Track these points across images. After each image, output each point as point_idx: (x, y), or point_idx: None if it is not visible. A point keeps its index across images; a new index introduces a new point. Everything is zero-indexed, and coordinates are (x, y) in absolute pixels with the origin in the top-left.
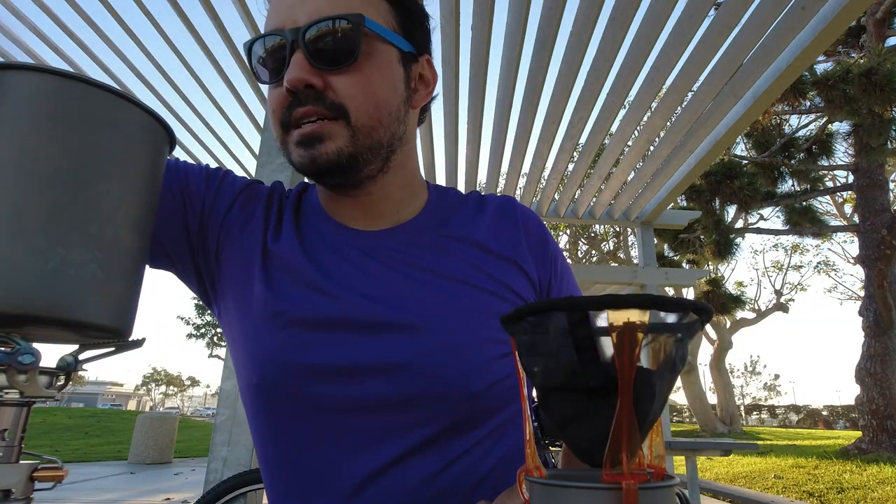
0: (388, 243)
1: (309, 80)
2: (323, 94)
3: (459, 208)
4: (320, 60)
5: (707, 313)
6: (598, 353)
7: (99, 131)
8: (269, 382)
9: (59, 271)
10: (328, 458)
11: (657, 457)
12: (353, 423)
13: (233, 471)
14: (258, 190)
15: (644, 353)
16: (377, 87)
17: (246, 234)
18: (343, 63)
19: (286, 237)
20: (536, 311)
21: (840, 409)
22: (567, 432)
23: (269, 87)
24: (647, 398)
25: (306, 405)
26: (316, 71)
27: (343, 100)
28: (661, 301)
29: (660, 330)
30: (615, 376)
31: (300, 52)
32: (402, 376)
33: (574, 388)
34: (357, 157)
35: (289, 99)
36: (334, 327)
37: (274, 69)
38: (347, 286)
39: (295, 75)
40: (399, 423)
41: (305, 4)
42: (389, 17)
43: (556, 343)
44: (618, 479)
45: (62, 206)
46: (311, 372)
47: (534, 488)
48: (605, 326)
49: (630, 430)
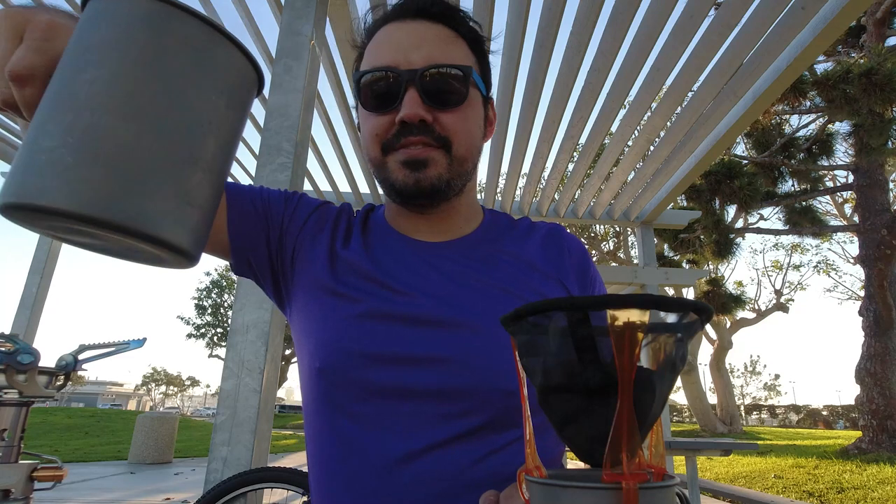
0: (446, 253)
1: (423, 116)
2: (431, 127)
3: (511, 230)
4: (432, 99)
5: (707, 313)
6: (598, 353)
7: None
8: (330, 367)
9: (184, 210)
10: (374, 436)
11: (657, 456)
12: (400, 407)
13: (233, 471)
14: (329, 209)
15: (644, 353)
16: (472, 125)
17: (317, 244)
18: (452, 105)
19: (354, 245)
20: (537, 310)
21: (840, 409)
22: (567, 432)
23: (370, 113)
24: (647, 398)
25: (362, 388)
26: (427, 108)
27: (448, 134)
28: (661, 301)
29: (660, 330)
30: (615, 376)
31: (414, 91)
32: (450, 368)
33: (574, 388)
34: (451, 183)
35: (397, 128)
36: (393, 320)
37: (382, 100)
38: (407, 286)
39: (414, 111)
40: (443, 412)
41: (420, 50)
42: (476, 66)
43: (557, 343)
44: (618, 479)
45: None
46: (369, 358)
47: (533, 488)
48: (605, 326)
49: (630, 430)
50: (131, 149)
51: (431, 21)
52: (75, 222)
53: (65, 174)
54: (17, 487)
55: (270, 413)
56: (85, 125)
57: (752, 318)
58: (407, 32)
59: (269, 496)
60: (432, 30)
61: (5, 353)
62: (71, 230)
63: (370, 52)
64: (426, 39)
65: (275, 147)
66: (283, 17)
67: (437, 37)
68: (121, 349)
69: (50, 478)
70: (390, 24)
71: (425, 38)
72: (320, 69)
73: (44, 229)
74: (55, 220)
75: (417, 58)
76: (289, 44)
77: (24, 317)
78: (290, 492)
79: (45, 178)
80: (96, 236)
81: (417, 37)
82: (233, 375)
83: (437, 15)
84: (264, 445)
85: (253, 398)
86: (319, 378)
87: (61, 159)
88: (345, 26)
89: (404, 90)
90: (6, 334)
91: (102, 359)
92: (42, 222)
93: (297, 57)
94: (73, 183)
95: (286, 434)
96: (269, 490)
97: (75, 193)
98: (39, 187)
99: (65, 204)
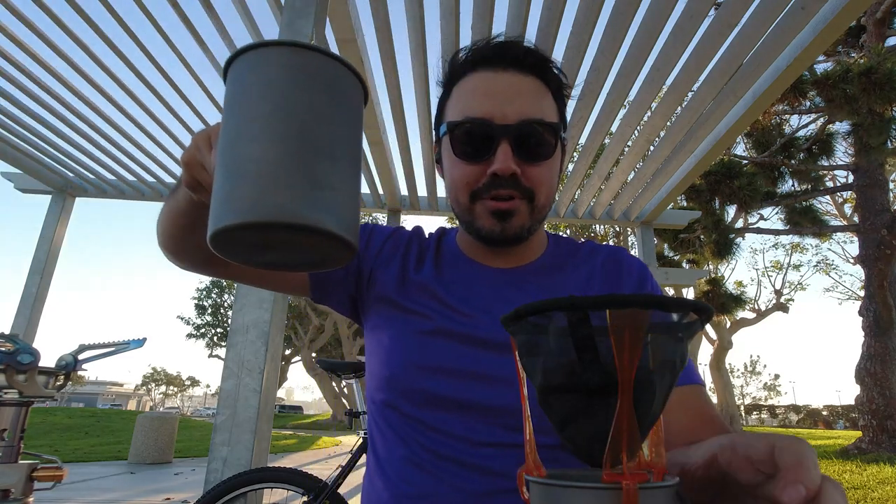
0: (510, 279)
1: (514, 170)
2: (518, 180)
3: (573, 256)
4: (522, 154)
5: (707, 313)
6: (598, 353)
7: (332, 91)
8: (396, 377)
9: (318, 196)
10: (430, 437)
11: (659, 456)
12: (456, 416)
13: (233, 471)
14: (400, 234)
15: (645, 353)
16: (554, 175)
17: (390, 268)
18: (541, 159)
19: (427, 269)
20: (537, 310)
21: (840, 409)
22: (567, 432)
23: (461, 161)
24: (647, 398)
25: (422, 398)
26: (517, 161)
27: (533, 186)
28: (661, 301)
29: (660, 330)
30: (615, 376)
31: (507, 145)
32: (501, 387)
33: (574, 387)
34: (531, 229)
35: (488, 179)
36: (456, 339)
37: (475, 150)
38: (471, 309)
39: (507, 165)
40: (497, 423)
41: (514, 104)
42: (557, 113)
43: (557, 343)
44: (618, 479)
45: (317, 149)
46: (431, 370)
47: (533, 488)
48: (606, 326)
49: (630, 431)
50: (281, 165)
51: (524, 73)
52: (259, 231)
53: (244, 200)
54: (16, 487)
55: (270, 413)
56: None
57: (752, 318)
58: (501, 84)
59: (269, 496)
60: (525, 82)
61: (5, 353)
62: (255, 247)
63: (463, 97)
64: (520, 93)
65: None
66: (283, 17)
67: (529, 90)
68: (121, 349)
69: (50, 478)
70: (484, 71)
71: (519, 91)
72: None
73: (240, 256)
74: (247, 235)
75: (511, 112)
76: None
77: (24, 317)
78: (290, 492)
79: (232, 204)
80: (273, 245)
81: (512, 90)
82: (233, 375)
83: (529, 66)
84: (264, 445)
85: (253, 398)
86: (387, 385)
87: (241, 189)
88: (345, 26)
89: (497, 143)
90: (6, 334)
91: (102, 359)
92: (239, 246)
93: None
94: (251, 201)
95: (286, 434)
96: (269, 490)
97: (255, 208)
98: (228, 212)
99: (250, 217)
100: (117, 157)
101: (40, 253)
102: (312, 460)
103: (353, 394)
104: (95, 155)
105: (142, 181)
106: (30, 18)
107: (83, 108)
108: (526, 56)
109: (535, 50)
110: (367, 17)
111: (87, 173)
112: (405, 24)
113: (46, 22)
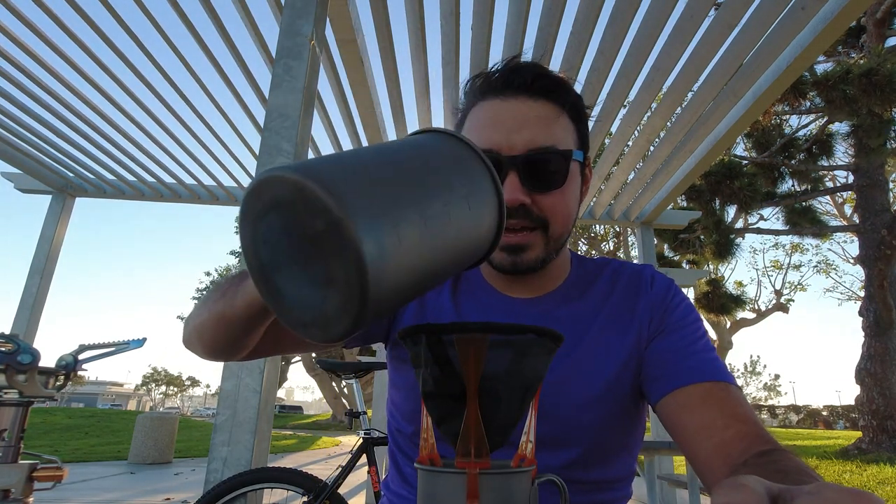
0: (530, 311)
1: (522, 201)
2: (529, 210)
3: (594, 283)
4: (531, 183)
5: (548, 335)
6: (453, 367)
7: (463, 172)
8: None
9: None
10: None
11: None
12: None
13: (233, 471)
14: None
15: (492, 367)
16: (570, 202)
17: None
18: (552, 188)
19: (444, 297)
20: (409, 333)
21: (840, 410)
22: (442, 429)
23: None
24: (492, 402)
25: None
26: (526, 191)
27: (546, 215)
28: (499, 327)
29: (501, 347)
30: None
31: (515, 176)
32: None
33: (440, 393)
34: (546, 259)
35: None
36: None
37: None
38: None
39: (514, 196)
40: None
41: (522, 133)
42: (575, 134)
43: (426, 358)
44: (464, 466)
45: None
46: None
47: (418, 473)
48: (454, 346)
49: (477, 427)
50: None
51: (533, 98)
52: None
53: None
54: (17, 487)
55: (270, 413)
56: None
57: (752, 319)
58: (509, 112)
59: (269, 496)
60: (534, 109)
61: (5, 353)
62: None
63: (471, 128)
64: (528, 121)
65: (275, 147)
66: (283, 17)
67: (539, 117)
68: (121, 349)
69: (50, 478)
70: (492, 99)
71: (528, 119)
72: (320, 69)
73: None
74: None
75: (519, 141)
76: (289, 44)
77: (24, 317)
78: (290, 492)
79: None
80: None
81: (520, 118)
82: (233, 375)
83: (539, 90)
84: (264, 445)
85: (253, 398)
86: (417, 418)
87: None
88: (345, 26)
89: (505, 174)
90: (6, 334)
91: (102, 359)
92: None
93: (297, 57)
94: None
95: (286, 434)
96: (269, 490)
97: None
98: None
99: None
100: (117, 157)
101: (40, 253)
102: (312, 460)
103: (353, 394)
104: (95, 155)
105: (142, 181)
106: (30, 18)
107: (83, 108)
108: (535, 81)
109: (545, 74)
110: (367, 17)
111: (87, 173)
112: (405, 24)
113: (46, 22)
